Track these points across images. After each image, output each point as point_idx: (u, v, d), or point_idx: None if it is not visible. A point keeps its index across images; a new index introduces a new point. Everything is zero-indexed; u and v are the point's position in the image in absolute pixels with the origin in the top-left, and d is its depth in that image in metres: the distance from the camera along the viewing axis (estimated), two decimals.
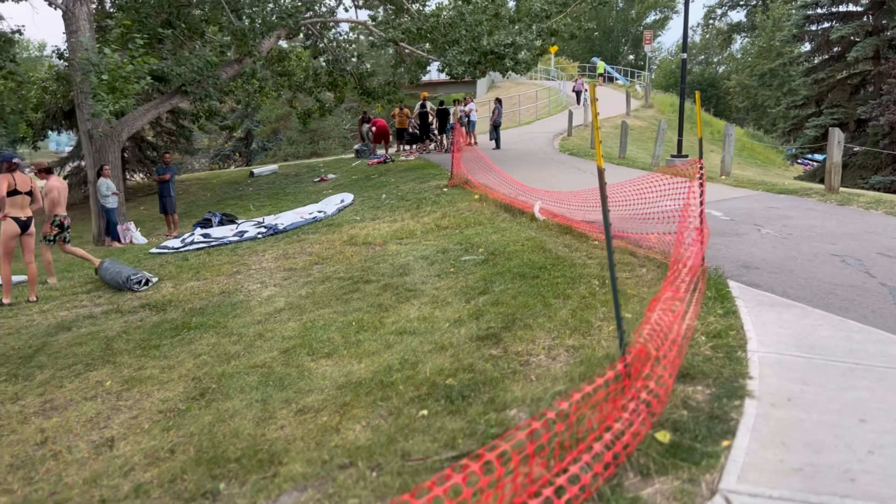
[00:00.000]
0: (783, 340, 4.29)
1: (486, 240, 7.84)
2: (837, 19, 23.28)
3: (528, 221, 8.86)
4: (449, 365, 4.20)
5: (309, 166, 23.12)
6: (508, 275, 6.19)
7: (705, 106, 51.18)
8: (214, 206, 17.92)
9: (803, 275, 5.92)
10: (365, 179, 17.69)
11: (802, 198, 10.20)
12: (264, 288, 7.41)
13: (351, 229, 10.11)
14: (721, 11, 67.49)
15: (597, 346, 4.18)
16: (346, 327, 5.47)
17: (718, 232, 7.77)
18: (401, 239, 8.84)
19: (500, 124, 22.53)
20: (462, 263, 6.96)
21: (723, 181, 12.34)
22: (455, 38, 15.45)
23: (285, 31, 15.67)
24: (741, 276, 5.93)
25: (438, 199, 11.73)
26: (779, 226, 8.05)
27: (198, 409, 4.24)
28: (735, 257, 6.61)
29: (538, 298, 5.35)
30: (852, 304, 5.06)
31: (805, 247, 6.94)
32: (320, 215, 12.32)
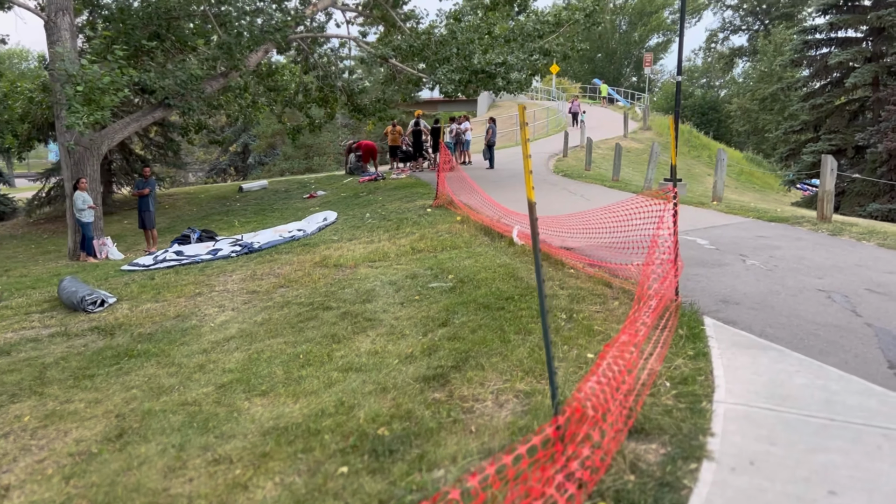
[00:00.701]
0: (754, 389, 3.92)
1: (459, 265, 7.49)
2: (836, 45, 23.07)
3: (506, 246, 8.50)
4: (386, 411, 3.82)
5: (300, 182, 22.83)
6: (473, 305, 5.82)
7: (705, 129, 51.05)
8: (200, 221, 17.61)
9: (785, 312, 5.55)
10: (353, 197, 17.38)
11: (793, 226, 9.84)
12: (221, 312, 7.04)
13: (325, 250, 9.76)
14: (723, 36, 67.70)
15: (548, 395, 3.80)
16: (292, 360, 5.10)
17: (701, 262, 7.41)
18: (373, 262, 8.49)
19: (494, 144, 22.25)
20: (429, 290, 6.60)
21: (714, 207, 11.99)
22: (446, 56, 15.18)
23: (273, 45, 15.43)
24: (719, 312, 5.56)
25: (420, 219, 11.39)
26: (765, 256, 7.69)
27: (109, 454, 3.86)
28: (715, 290, 6.24)
29: (498, 333, 4.98)
30: (834, 347, 4.69)
31: (790, 280, 6.57)
32: (299, 234, 11.98)
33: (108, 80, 11.53)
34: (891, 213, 18.67)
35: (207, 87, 14.72)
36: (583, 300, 5.88)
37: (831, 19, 22.45)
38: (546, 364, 2.85)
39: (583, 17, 15.41)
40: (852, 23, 22.33)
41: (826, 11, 22.76)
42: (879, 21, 21.08)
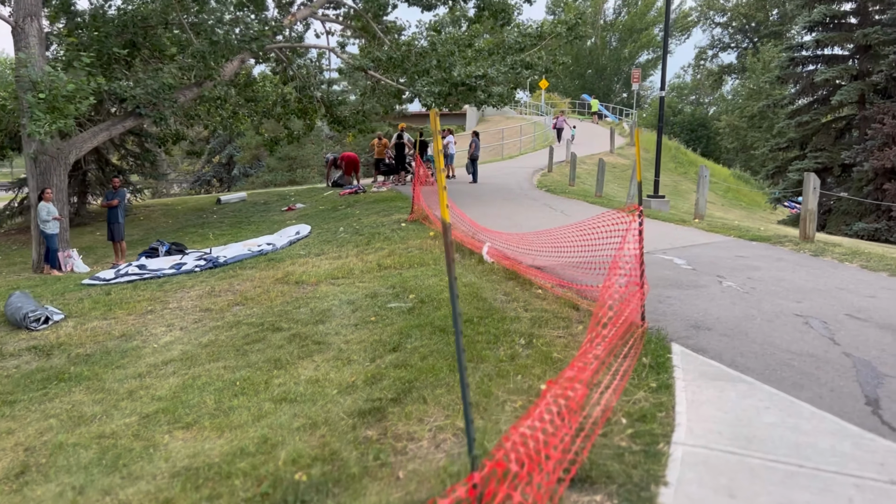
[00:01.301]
0: (718, 429, 3.57)
1: (422, 284, 7.13)
2: (823, 62, 22.97)
3: (475, 264, 8.16)
4: (310, 451, 3.45)
5: (280, 194, 22.45)
6: (429, 328, 5.46)
7: (694, 146, 51.05)
8: (174, 234, 17.21)
9: (759, 339, 5.21)
10: (331, 210, 17.03)
11: (775, 246, 9.55)
12: (168, 332, 6.65)
13: (291, 265, 9.38)
14: (712, 53, 68.01)
15: (490, 431, 3.44)
16: (227, 388, 4.72)
17: (676, 283, 7.08)
18: (336, 278, 8.12)
19: (478, 158, 21.98)
20: (386, 311, 6.23)
21: (696, 224, 11.70)
22: (425, 69, 14.89)
23: (250, 55, 15.10)
24: (688, 339, 5.22)
25: (393, 234, 11.04)
26: (743, 278, 7.37)
27: (2, 496, 3.46)
28: (687, 314, 5.90)
29: (449, 361, 4.62)
30: (809, 380, 4.35)
31: (767, 304, 6.25)
32: (268, 248, 11.60)
33: (72, 88, 11.16)
34: (877, 232, 18.47)
35: (180, 97, 14.36)
36: (546, 324, 5.54)
37: (817, 37, 22.37)
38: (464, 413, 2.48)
39: (565, 31, 15.17)
40: (838, 40, 22.25)
41: (812, 29, 22.69)
42: (866, 39, 21.00)
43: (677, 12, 71.83)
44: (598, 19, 75.15)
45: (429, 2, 16.68)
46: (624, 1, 74.69)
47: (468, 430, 2.39)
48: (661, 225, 11.80)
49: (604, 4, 75.62)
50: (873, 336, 5.28)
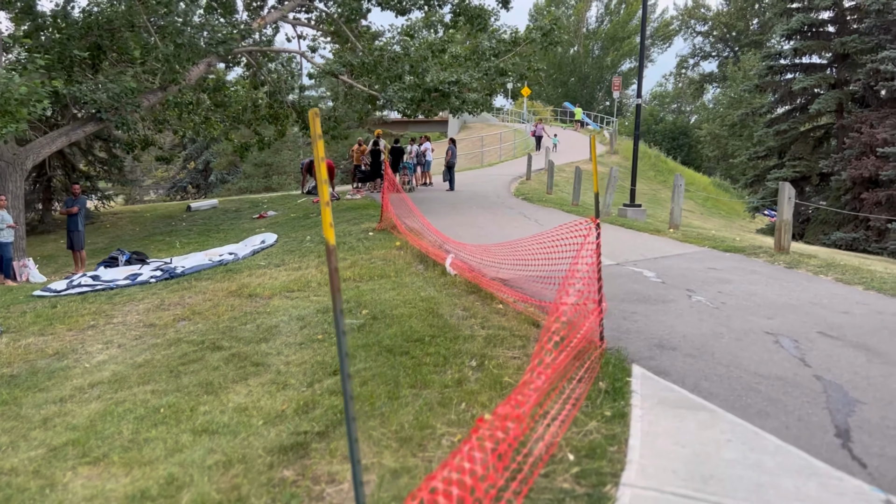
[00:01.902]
0: (673, 467, 3.23)
1: (379, 298, 6.77)
2: (801, 70, 22.91)
3: (437, 276, 7.82)
4: (217, 494, 3.08)
5: (252, 202, 22.00)
6: (376, 348, 5.10)
7: (675, 154, 51.12)
8: (140, 242, 16.74)
9: (725, 360, 4.90)
10: (302, 218, 16.63)
11: (749, 257, 9.28)
12: (105, 349, 6.24)
13: (248, 277, 8.99)
14: (693, 62, 68.31)
15: (418, 474, 3.08)
16: (149, 416, 4.33)
17: (643, 298, 6.77)
18: (291, 291, 7.74)
19: (454, 165, 21.69)
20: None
21: (670, 234, 11.44)
22: (398, 74, 14.57)
23: (217, 59, 14.69)
24: (651, 360, 4.89)
25: (359, 244, 10.68)
26: (714, 292, 7.08)
27: None
28: (652, 332, 5.59)
29: (390, 386, 4.27)
30: (776, 408, 4.04)
31: (737, 321, 5.95)
32: (230, 258, 11.19)
33: (24, 91, 10.71)
34: (855, 242, 18.35)
35: (144, 101, 13.92)
36: (501, 343, 5.20)
37: (795, 45, 22.30)
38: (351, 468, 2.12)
39: (540, 37, 14.91)
40: (816, 49, 22.20)
41: (790, 37, 22.63)
42: (843, 47, 20.95)
43: (659, 21, 72.25)
44: (580, 28, 75.41)
45: (403, 6, 16.36)
46: (606, 9, 74.98)
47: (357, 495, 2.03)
48: (635, 235, 11.53)
49: (586, 13, 75.88)
50: (846, 357, 4.99)
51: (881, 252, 17.05)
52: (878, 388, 4.38)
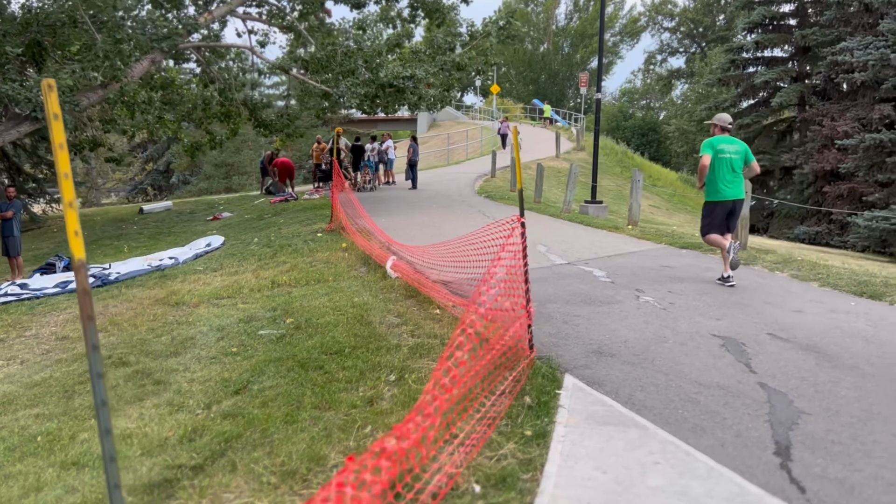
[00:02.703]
0: (588, 498, 2.85)
1: (309, 305, 6.34)
2: (763, 64, 22.83)
3: (378, 279, 7.40)
4: None
5: (208, 203, 21.37)
6: (290, 363, 4.67)
7: (645, 150, 51.17)
8: (87, 247, 15.89)
9: (666, 367, 4.55)
10: (256, 219, 16.10)
11: (706, 254, 9.00)
12: (5, 366, 5.73)
13: (181, 283, 8.49)
14: (661, 58, 68.52)
15: None
16: (24, 445, 3.86)
17: (588, 299, 6.41)
18: (220, 299, 7.27)
19: (417, 163, 21.26)
20: (254, 340, 5.42)
21: (628, 231, 11.13)
22: (350, 69, 14.10)
23: (161, 55, 14.10)
24: (586, 369, 4.53)
25: (305, 245, 10.22)
26: (664, 291, 6.75)
27: None
28: (592, 337, 5.22)
29: (292, 407, 3.85)
30: (713, 422, 3.69)
31: (684, 323, 5.61)
32: (169, 262, 10.67)
33: None
34: (818, 235, 18.27)
35: (84, 100, 13.30)
36: (429, 352, 4.80)
37: (757, 38, 22.20)
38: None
39: (496, 31, 14.53)
40: (778, 42, 22.11)
41: (752, 30, 22.52)
42: (804, 40, 20.88)
43: (626, 17, 72.40)
44: (550, 25, 75.35)
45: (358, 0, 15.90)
46: (575, 6, 74.91)
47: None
48: (593, 232, 11.21)
49: (555, 10, 75.79)
50: (794, 361, 4.66)
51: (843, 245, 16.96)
52: (824, 395, 4.06)
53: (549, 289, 6.88)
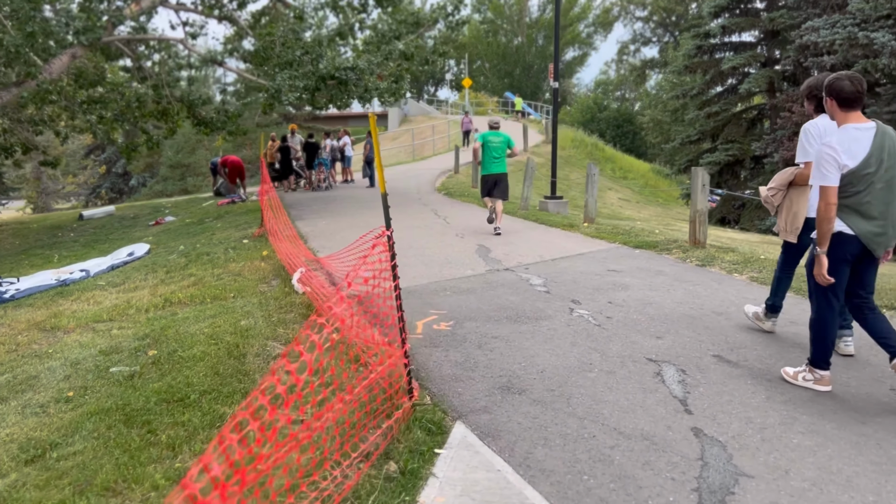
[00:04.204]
0: None
1: (185, 331, 5.41)
2: (730, 49, 22.09)
3: (284, 296, 6.48)
4: None
5: (154, 206, 20.30)
6: (116, 416, 3.76)
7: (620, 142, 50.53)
8: (15, 257, 15.00)
9: (583, 408, 3.68)
10: (196, 224, 15.09)
11: (661, 255, 8.18)
12: None
13: (72, 302, 7.52)
14: (634, 48, 67.95)
15: None
16: None
17: (515, 315, 5.54)
18: (100, 322, 6.32)
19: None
20: (100, 380, 4.49)
21: (583, 229, 10.29)
22: (288, 61, 13.12)
23: (82, 49, 13.03)
24: (485, 413, 3.65)
25: (224, 254, 9.28)
26: (603, 302, 5.89)
27: None
28: (504, 367, 4.35)
29: (78, 487, 2.93)
30: (626, 493, 2.83)
31: (617, 343, 4.75)
32: (79, 276, 9.66)
33: None
34: None
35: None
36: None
37: (724, 22, 21.45)
38: None
39: (443, 17, 13.62)
40: (745, 26, 21.37)
41: (718, 14, 21.77)
42: (773, 24, 20.15)
43: (599, 8, 71.79)
44: (523, 17, 74.54)
45: None
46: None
47: None
48: (545, 232, 10.36)
49: (528, 2, 74.99)
50: (741, 394, 3.82)
51: None
52: (773, 446, 3.21)
53: (472, 302, 6.00)
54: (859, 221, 3.55)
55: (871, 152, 3.47)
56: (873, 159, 3.47)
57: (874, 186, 3.49)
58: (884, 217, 3.55)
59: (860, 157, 3.47)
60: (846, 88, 3.52)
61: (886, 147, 3.50)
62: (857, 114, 3.58)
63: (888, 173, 3.52)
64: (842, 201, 3.54)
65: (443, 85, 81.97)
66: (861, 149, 3.48)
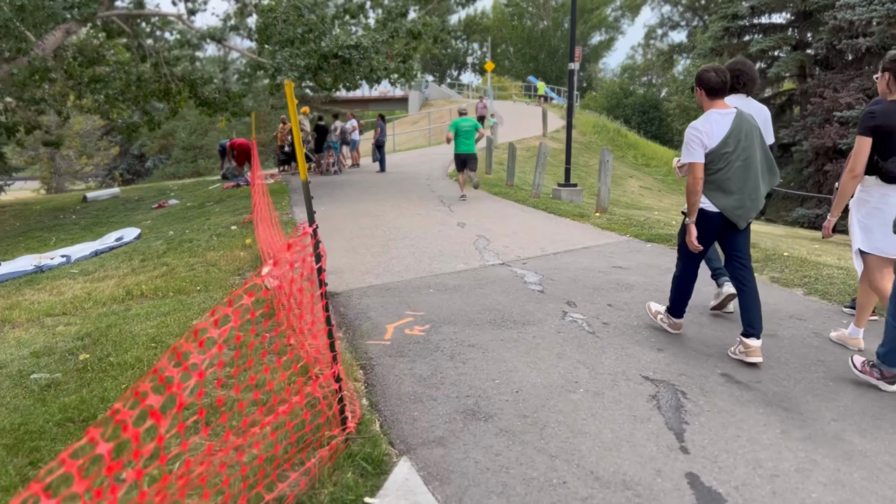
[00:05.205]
0: None
1: (130, 330, 4.87)
2: (759, 31, 20.99)
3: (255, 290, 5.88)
4: None
5: (159, 189, 19.90)
6: (8, 437, 3.22)
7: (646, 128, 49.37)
8: (13, 239, 14.68)
9: (557, 441, 3.06)
10: (196, 208, 14.63)
11: (674, 248, 7.45)
12: None
13: (35, 291, 7.04)
14: (661, 32, 66.19)
15: None
16: None
17: (500, 319, 4.91)
18: (53, 315, 5.82)
19: (384, 143, 19.68)
20: (16, 389, 3.95)
21: (594, 220, 9.60)
22: (289, 38, 12.52)
23: (77, 24, 12.54)
24: (439, 446, 3.04)
25: (207, 242, 8.76)
26: (601, 305, 5.24)
27: None
28: (473, 385, 3.73)
29: None
30: None
31: (610, 356, 4.11)
32: (59, 262, 9.21)
33: None
34: (818, 219, 16.64)
35: None
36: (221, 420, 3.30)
37: (753, 3, 20.34)
38: None
39: None
40: (775, 6, 20.25)
41: None
42: (805, 4, 19.03)
43: None
44: (548, 1, 73.13)
45: None
46: None
47: None
48: (553, 222, 9.69)
49: None
50: (751, 427, 3.17)
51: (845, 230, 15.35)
52: (786, 502, 2.56)
53: (455, 303, 5.38)
54: (721, 197, 3.98)
55: (729, 133, 3.89)
56: (731, 140, 3.89)
57: (733, 164, 3.92)
58: (741, 192, 3.96)
59: (719, 137, 3.90)
60: (713, 79, 3.96)
61: (744, 129, 3.92)
62: (721, 101, 3.99)
63: (745, 152, 3.93)
64: (708, 177, 3.98)
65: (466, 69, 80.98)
66: (721, 130, 3.91)
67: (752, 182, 3.96)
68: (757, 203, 4.05)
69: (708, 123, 3.91)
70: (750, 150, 3.93)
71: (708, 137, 3.89)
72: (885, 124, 3.78)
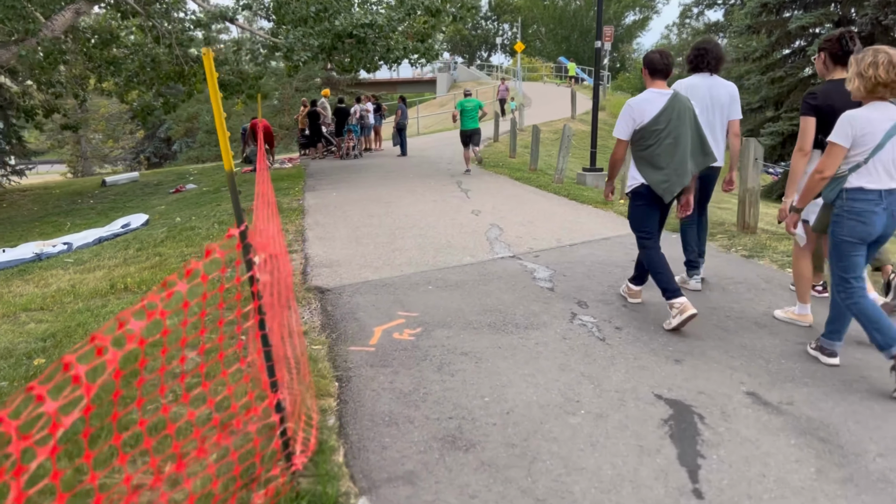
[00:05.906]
0: None
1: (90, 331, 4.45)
2: (799, 7, 19.94)
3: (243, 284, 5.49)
4: None
5: (179, 173, 19.70)
6: None
7: None
8: (30, 224, 14.58)
9: (545, 481, 2.59)
10: (210, 193, 14.37)
11: None
12: None
13: (22, 283, 6.77)
14: (697, 10, 64.25)
15: None
16: None
17: (501, 322, 4.43)
18: (30, 311, 5.50)
19: (406, 127, 19.19)
20: None
21: (619, 207, 9.02)
22: (302, 17, 12.07)
23: (87, 4, 12.23)
24: (407, 484, 2.59)
25: (206, 230, 8.43)
26: (617, 304, 4.74)
27: None
28: (459, 403, 3.26)
29: None
30: None
31: (620, 368, 3.61)
32: (57, 249, 8.95)
33: None
34: None
35: None
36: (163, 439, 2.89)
37: None
38: None
39: None
40: None
41: None
42: None
43: None
44: None
45: None
46: None
47: None
48: (574, 209, 9.14)
49: None
50: (779, 464, 2.66)
51: None
52: None
53: (455, 301, 4.91)
54: (650, 172, 4.22)
55: (661, 112, 4.14)
56: (662, 118, 4.13)
57: (663, 141, 4.15)
58: (668, 167, 4.18)
59: (651, 115, 4.14)
60: (655, 60, 4.24)
61: (676, 109, 4.16)
62: (661, 82, 4.26)
63: (676, 131, 4.15)
64: (639, 153, 4.27)
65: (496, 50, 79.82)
66: (654, 108, 4.16)
67: (678, 158, 4.16)
68: (683, 179, 4.23)
69: (643, 101, 4.18)
70: (680, 129, 4.14)
71: (640, 114, 4.15)
72: (825, 104, 3.89)
